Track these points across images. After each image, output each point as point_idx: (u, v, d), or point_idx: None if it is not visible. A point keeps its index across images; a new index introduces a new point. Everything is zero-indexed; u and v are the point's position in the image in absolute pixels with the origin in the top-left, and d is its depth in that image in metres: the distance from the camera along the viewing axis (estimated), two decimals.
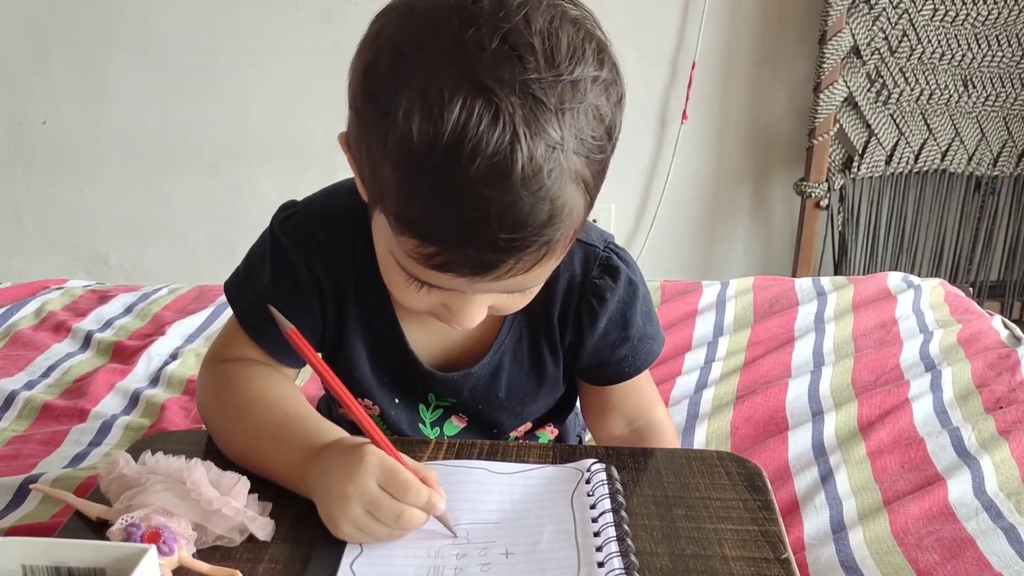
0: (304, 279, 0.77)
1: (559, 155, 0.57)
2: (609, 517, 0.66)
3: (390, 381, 0.83)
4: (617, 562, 0.61)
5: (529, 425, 0.89)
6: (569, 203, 0.59)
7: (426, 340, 0.81)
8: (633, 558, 0.62)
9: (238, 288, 0.82)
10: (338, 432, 0.71)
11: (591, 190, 0.62)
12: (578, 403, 0.96)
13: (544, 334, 0.81)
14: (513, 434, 0.89)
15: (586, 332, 0.80)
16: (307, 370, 1.31)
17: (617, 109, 0.62)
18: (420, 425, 0.86)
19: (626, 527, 0.65)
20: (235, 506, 0.65)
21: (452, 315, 0.68)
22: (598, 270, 0.78)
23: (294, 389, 0.78)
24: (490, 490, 0.71)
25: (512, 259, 0.59)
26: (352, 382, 0.81)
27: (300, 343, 0.66)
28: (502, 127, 0.55)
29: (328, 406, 0.96)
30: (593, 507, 0.68)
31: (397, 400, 0.84)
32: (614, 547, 0.63)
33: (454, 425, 0.86)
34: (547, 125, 0.56)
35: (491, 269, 0.60)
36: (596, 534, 0.65)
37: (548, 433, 0.92)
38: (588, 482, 0.70)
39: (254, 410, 0.74)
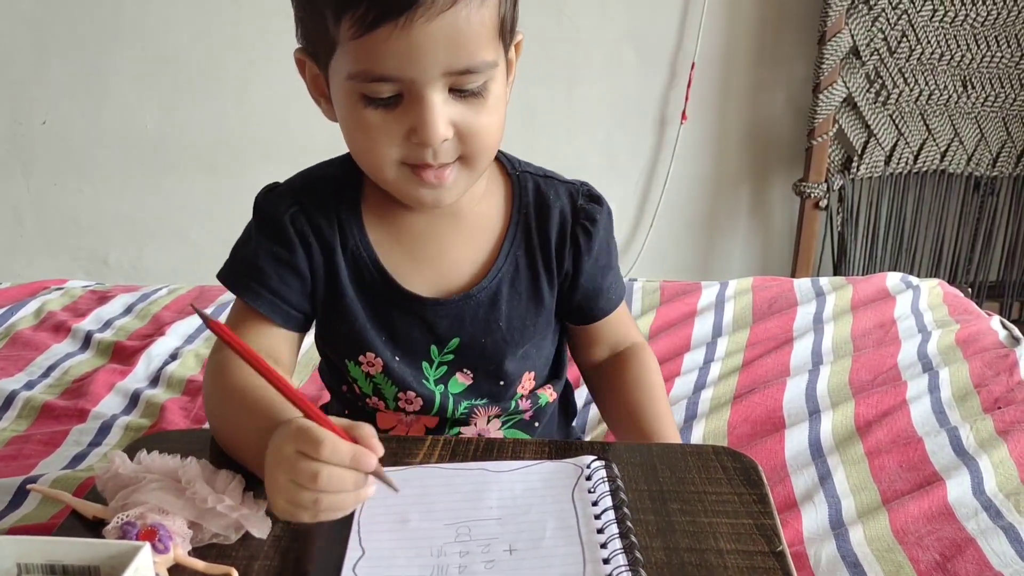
0: (290, 237, 0.82)
1: None
2: (612, 514, 0.66)
3: (390, 334, 0.84)
4: (622, 559, 0.62)
5: (532, 383, 0.90)
6: None
7: (415, 272, 0.83)
8: (638, 554, 0.62)
9: (227, 268, 0.85)
10: (291, 414, 0.67)
11: None
12: (578, 403, 0.97)
13: (543, 262, 0.85)
14: (519, 390, 0.89)
15: (583, 255, 0.86)
16: (306, 371, 1.32)
17: None
18: (424, 381, 0.86)
19: (629, 524, 0.65)
20: (230, 504, 0.65)
21: (418, 135, 0.71)
22: (584, 199, 0.87)
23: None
24: (490, 488, 0.71)
25: None
26: (352, 334, 0.84)
27: (219, 330, 0.64)
28: None
29: (337, 394, 0.95)
30: (595, 504, 0.68)
31: (398, 358, 0.84)
32: (618, 544, 0.63)
33: (459, 382, 0.87)
34: None
35: (413, 2, 0.66)
36: (600, 531, 0.65)
37: (548, 395, 0.92)
38: (589, 479, 0.71)
39: (234, 399, 0.75)
